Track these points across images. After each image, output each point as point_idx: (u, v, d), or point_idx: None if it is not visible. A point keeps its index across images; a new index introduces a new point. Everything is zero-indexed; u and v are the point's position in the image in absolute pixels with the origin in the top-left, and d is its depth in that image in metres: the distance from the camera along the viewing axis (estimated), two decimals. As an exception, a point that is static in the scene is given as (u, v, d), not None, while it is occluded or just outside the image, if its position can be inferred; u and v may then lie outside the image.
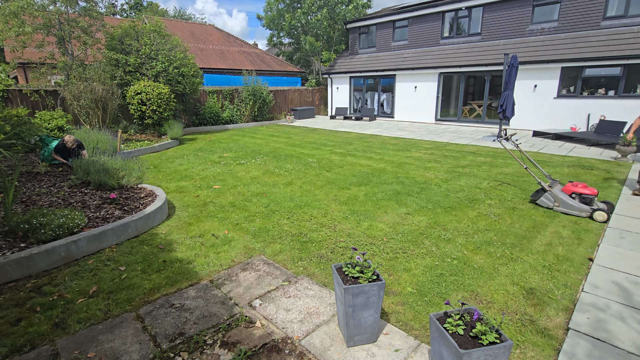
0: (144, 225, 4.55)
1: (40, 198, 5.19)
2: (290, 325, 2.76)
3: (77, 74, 10.55)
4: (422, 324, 2.77)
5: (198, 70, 13.39)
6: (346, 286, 2.33)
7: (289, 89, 19.82)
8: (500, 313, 2.88)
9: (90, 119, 10.54)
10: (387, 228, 4.60)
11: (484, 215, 4.99)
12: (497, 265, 3.65)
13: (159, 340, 2.60)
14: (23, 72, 16.31)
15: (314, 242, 4.24)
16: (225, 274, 3.54)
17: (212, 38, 23.45)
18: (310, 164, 8.27)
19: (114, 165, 5.96)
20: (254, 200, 5.79)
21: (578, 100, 12.16)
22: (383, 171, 7.52)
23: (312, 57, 23.19)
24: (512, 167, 7.71)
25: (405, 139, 11.91)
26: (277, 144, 11.22)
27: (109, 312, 2.95)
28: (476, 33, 14.96)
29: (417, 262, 3.72)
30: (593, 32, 12.00)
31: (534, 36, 13.32)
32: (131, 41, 11.88)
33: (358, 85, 19.62)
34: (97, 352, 2.48)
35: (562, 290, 3.21)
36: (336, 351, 2.49)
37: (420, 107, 16.62)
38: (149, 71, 11.86)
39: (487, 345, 1.83)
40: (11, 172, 6.64)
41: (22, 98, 10.70)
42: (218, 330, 2.71)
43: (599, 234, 4.35)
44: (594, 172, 7.15)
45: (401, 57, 17.19)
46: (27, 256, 3.47)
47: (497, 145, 10.43)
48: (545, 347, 2.54)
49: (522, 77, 12.90)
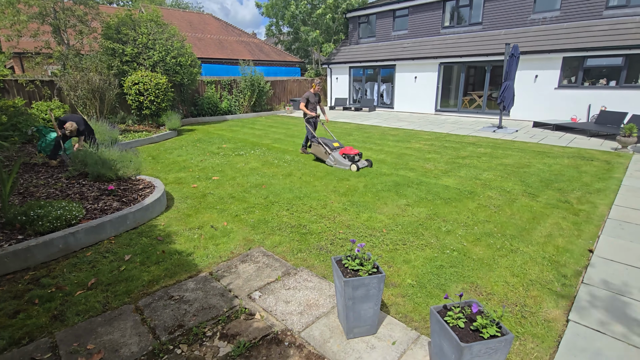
0: (142, 217, 4.52)
1: (37, 189, 5.15)
2: (289, 317, 2.76)
3: (73, 64, 10.40)
4: (422, 316, 2.77)
5: (196, 60, 13.22)
6: (346, 279, 2.31)
7: (287, 79, 19.63)
8: (500, 305, 2.88)
9: (88, 109, 10.43)
10: (387, 219, 4.59)
11: (483, 207, 4.98)
12: (496, 257, 3.64)
13: (158, 332, 2.60)
14: (19, 62, 16.10)
15: (314, 233, 4.22)
16: (224, 266, 3.53)
17: (210, 27, 23.11)
18: (309, 155, 8.22)
19: (111, 156, 5.90)
20: (253, 191, 5.76)
21: (579, 90, 12.07)
22: (383, 162, 7.48)
23: (312, 47, 22.91)
24: (512, 158, 7.68)
25: (405, 130, 11.84)
26: (276, 135, 11.14)
27: (107, 304, 2.94)
28: (477, 22, 14.77)
29: (416, 254, 3.72)
30: (595, 22, 11.84)
31: (536, 26, 13.15)
32: (128, 30, 11.69)
33: (358, 75, 19.44)
34: (96, 344, 2.48)
35: (562, 282, 3.20)
36: (336, 343, 2.49)
37: (420, 97, 16.50)
38: (146, 61, 11.70)
39: (488, 338, 1.82)
40: (8, 163, 6.59)
41: (19, 88, 10.57)
42: (217, 322, 2.70)
43: (599, 225, 4.35)
44: (594, 163, 7.12)
45: (401, 47, 16.99)
46: (24, 248, 3.44)
47: (497, 136, 10.38)
48: (545, 338, 2.54)
49: (523, 68, 12.78)
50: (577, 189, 5.67)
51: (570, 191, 5.56)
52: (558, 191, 5.57)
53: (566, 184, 5.92)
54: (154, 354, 2.40)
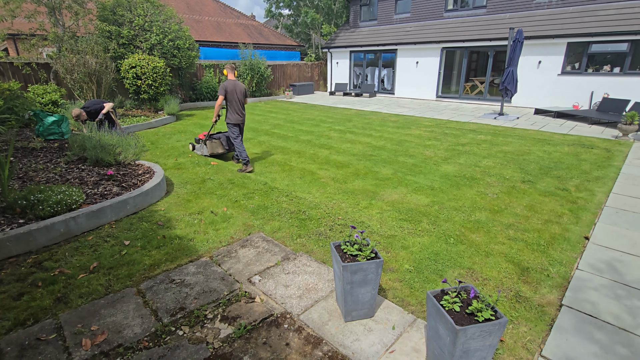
0: (142, 202, 4.54)
1: (37, 174, 5.15)
2: (289, 300, 2.81)
3: (69, 46, 10.22)
4: (419, 300, 2.82)
5: (194, 43, 12.99)
6: (345, 264, 2.35)
7: (287, 63, 19.36)
8: (495, 290, 2.93)
9: (85, 93, 10.31)
10: (386, 206, 4.61)
11: (482, 194, 5.00)
12: (493, 244, 3.69)
13: (160, 314, 2.65)
14: (13, 44, 15.82)
15: (313, 219, 4.26)
16: (224, 251, 3.57)
17: (208, 9, 22.62)
18: (309, 141, 8.19)
19: (110, 141, 5.88)
20: (252, 177, 5.76)
21: (582, 77, 11.93)
22: (382, 148, 7.47)
23: (312, 30, 22.49)
24: (512, 145, 7.67)
25: (406, 116, 11.77)
26: (275, 121, 11.07)
27: (110, 287, 2.98)
28: (481, 6, 14.47)
29: (415, 240, 3.76)
30: (602, 6, 11.61)
31: (541, 9, 12.90)
32: (124, 12, 11.44)
33: (358, 60, 19.17)
34: (99, 326, 2.53)
35: (557, 268, 3.25)
36: (334, 326, 2.54)
37: (421, 83, 16.32)
38: (143, 44, 11.50)
39: (483, 322, 1.86)
40: (6, 147, 6.56)
41: (14, 71, 10.41)
42: (218, 305, 2.75)
43: (597, 212, 4.38)
44: (594, 151, 7.12)
45: (403, 31, 16.69)
46: (26, 232, 3.47)
47: (497, 123, 10.33)
48: (538, 322, 2.60)
49: (527, 53, 12.59)
50: (576, 176, 5.68)
51: (569, 179, 5.58)
52: (557, 179, 5.59)
53: (565, 171, 5.93)
54: (157, 335, 2.46)
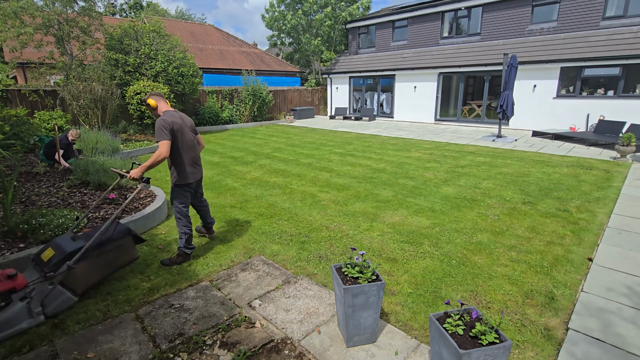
0: (143, 225, 4.54)
1: (39, 198, 5.18)
2: (289, 325, 2.76)
3: (76, 74, 10.52)
4: (421, 324, 2.77)
5: (197, 70, 13.37)
6: (346, 286, 2.33)
7: (288, 89, 19.81)
8: (499, 313, 2.88)
9: (90, 119, 10.53)
10: (387, 228, 4.60)
11: (483, 216, 4.99)
12: (496, 266, 3.65)
13: (159, 340, 2.60)
14: (22, 72, 16.28)
15: (314, 242, 4.24)
16: (224, 274, 3.54)
17: (212, 38, 23.44)
18: (309, 164, 8.27)
19: (113, 165, 5.95)
20: (253, 201, 5.78)
21: (577, 100, 12.16)
22: (383, 171, 7.52)
23: (312, 57, 23.16)
24: (511, 167, 7.72)
25: (405, 139, 11.91)
26: (276, 144, 11.21)
27: (108, 313, 2.94)
28: (475, 33, 14.96)
29: (416, 263, 3.72)
30: (592, 32, 12.00)
31: (534, 36, 13.33)
32: (130, 41, 11.86)
33: (357, 85, 19.62)
34: (96, 353, 2.48)
35: (561, 290, 3.21)
36: (336, 351, 2.49)
37: (419, 107, 16.62)
38: (149, 71, 11.85)
39: (487, 345, 1.83)
40: (10, 172, 6.63)
41: (21, 98, 10.68)
42: (218, 331, 2.70)
43: (599, 233, 4.36)
44: (593, 172, 7.15)
45: (401, 57, 17.19)
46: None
47: (496, 145, 10.44)
48: (545, 346, 2.54)
49: (522, 77, 12.91)
50: (576, 197, 5.69)
51: (570, 200, 5.58)
52: (557, 200, 5.59)
53: (565, 192, 5.94)
54: (154, 362, 2.40)
